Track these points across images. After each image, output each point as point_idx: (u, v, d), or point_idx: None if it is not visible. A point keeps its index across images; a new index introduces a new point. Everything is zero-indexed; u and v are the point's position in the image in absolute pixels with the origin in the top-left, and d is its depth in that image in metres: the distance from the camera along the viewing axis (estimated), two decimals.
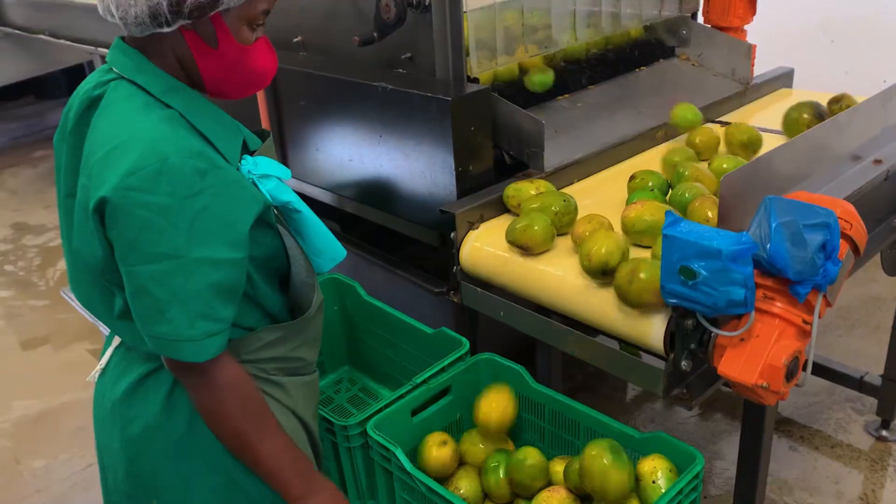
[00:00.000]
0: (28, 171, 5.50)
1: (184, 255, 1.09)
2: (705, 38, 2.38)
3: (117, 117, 1.14)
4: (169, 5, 1.10)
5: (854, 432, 2.39)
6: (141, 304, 1.12)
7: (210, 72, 1.19)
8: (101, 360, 1.37)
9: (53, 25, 4.04)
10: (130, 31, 1.15)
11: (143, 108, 1.14)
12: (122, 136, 1.11)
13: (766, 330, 1.23)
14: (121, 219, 1.08)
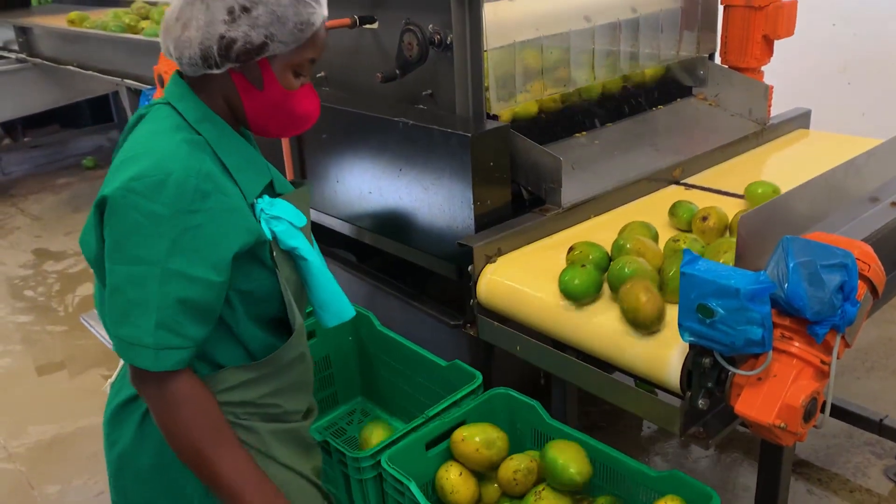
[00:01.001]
0: (51, 198, 5.58)
1: (162, 264, 1.14)
2: (722, 79, 2.40)
3: (147, 132, 1.24)
4: (219, 49, 1.19)
5: (873, 476, 2.36)
6: (113, 302, 1.16)
7: (254, 111, 1.27)
8: (117, 368, 1.41)
9: (81, 56, 4.14)
10: (185, 69, 1.25)
11: (172, 128, 1.23)
12: (143, 147, 1.20)
13: (783, 370, 1.23)
14: (114, 217, 1.15)
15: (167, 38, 1.24)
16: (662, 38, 2.26)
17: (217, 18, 1.20)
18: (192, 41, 1.20)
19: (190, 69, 1.23)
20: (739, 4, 2.31)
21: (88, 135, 6.82)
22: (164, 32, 1.25)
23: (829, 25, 3.56)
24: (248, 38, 1.19)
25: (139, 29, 3.70)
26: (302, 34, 1.22)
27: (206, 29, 1.20)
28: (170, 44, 1.24)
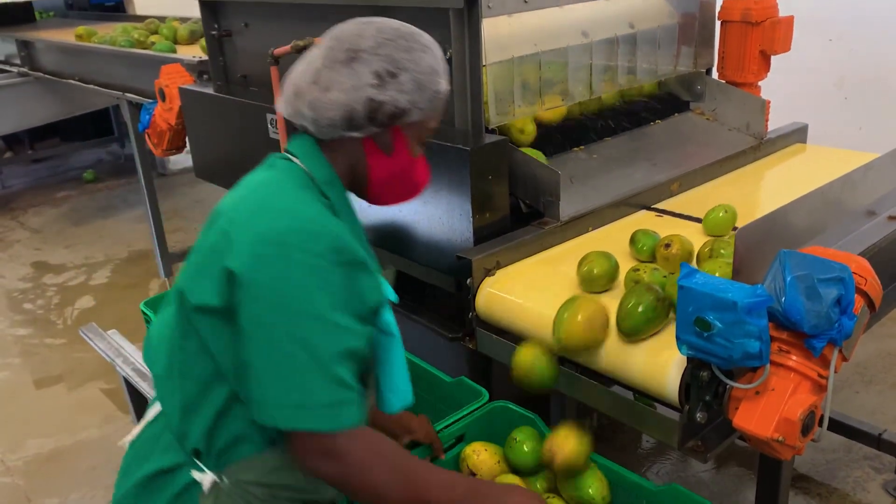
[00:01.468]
0: (51, 211, 5.60)
1: (326, 318, 1.10)
2: (720, 94, 2.42)
3: (277, 183, 1.21)
4: (365, 112, 1.20)
5: (872, 491, 2.35)
6: (271, 368, 1.09)
7: (378, 177, 1.29)
8: (137, 427, 1.34)
9: (82, 70, 4.16)
10: (318, 131, 1.24)
11: (303, 185, 1.22)
12: (281, 201, 1.17)
13: (781, 383, 1.23)
14: (267, 273, 1.10)
15: (297, 101, 1.23)
16: (660, 53, 2.27)
17: (364, 82, 1.20)
18: (335, 103, 1.20)
19: (326, 131, 1.23)
20: (736, 20, 2.33)
21: (89, 148, 6.85)
22: (294, 96, 1.24)
23: (825, 41, 3.58)
24: (396, 103, 1.21)
25: (148, 44, 3.71)
26: (435, 102, 1.26)
27: (352, 92, 1.20)
28: (302, 106, 1.22)
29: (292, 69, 1.29)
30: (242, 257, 1.11)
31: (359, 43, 1.22)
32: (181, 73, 2.90)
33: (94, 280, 4.35)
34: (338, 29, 1.27)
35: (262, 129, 2.31)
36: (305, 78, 1.23)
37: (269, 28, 2.47)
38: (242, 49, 2.63)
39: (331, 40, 1.25)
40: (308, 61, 1.25)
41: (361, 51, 1.22)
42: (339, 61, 1.21)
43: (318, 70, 1.22)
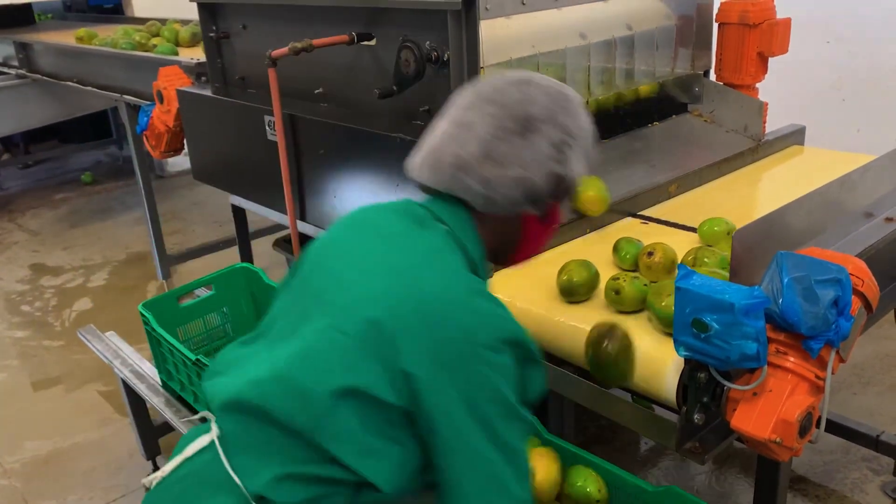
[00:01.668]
0: (49, 213, 5.59)
1: (517, 415, 1.08)
2: (717, 95, 2.42)
3: (442, 262, 1.13)
4: (548, 187, 1.15)
5: (870, 492, 2.35)
6: (478, 475, 1.05)
7: (527, 245, 1.24)
8: (166, 466, 1.21)
9: (80, 72, 4.16)
10: (485, 206, 1.17)
11: (467, 267, 1.15)
12: (455, 290, 1.09)
13: (778, 385, 1.23)
14: (457, 381, 1.04)
15: (462, 174, 1.14)
16: (658, 55, 2.27)
17: (544, 155, 1.14)
18: (515, 180, 1.13)
19: (497, 207, 1.16)
20: (734, 22, 2.33)
21: (87, 150, 6.84)
22: (459, 169, 1.14)
23: (823, 43, 3.59)
24: (574, 174, 1.17)
25: (150, 47, 3.67)
26: (591, 168, 1.21)
27: (534, 167, 1.13)
28: (470, 181, 1.14)
29: (434, 131, 1.20)
30: (425, 363, 1.03)
31: (529, 110, 1.14)
32: (179, 75, 2.90)
33: (92, 282, 4.34)
34: (493, 91, 1.18)
35: (260, 131, 2.31)
36: (470, 149, 1.14)
37: (267, 30, 2.47)
38: (240, 51, 2.63)
39: (491, 105, 1.15)
40: (462, 125, 1.16)
41: (534, 119, 1.14)
42: (513, 132, 1.13)
43: (486, 141, 1.13)
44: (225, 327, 2.36)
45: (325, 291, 1.14)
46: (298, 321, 1.15)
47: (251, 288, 2.35)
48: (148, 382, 2.26)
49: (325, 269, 1.19)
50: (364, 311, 1.07)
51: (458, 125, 1.17)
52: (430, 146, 1.21)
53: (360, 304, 1.09)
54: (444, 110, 1.23)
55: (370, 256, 1.16)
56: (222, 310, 2.34)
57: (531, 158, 1.14)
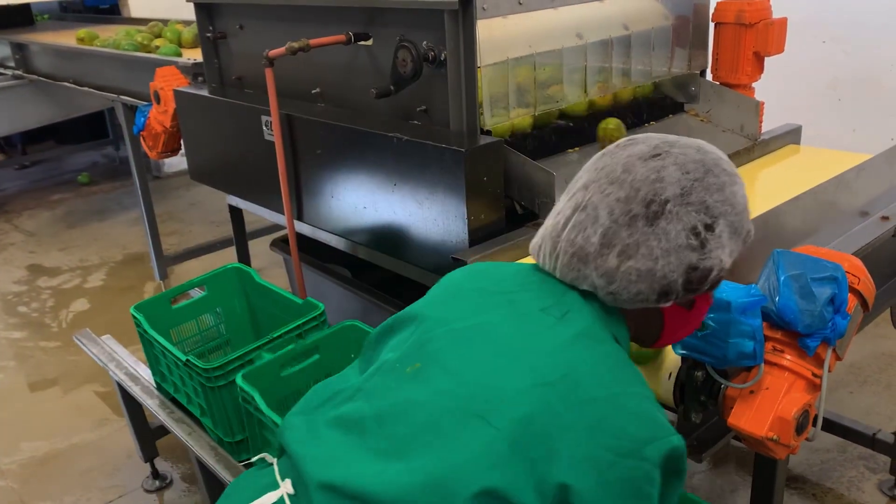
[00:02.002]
0: (45, 214, 5.58)
1: None
2: (714, 95, 2.42)
3: (607, 355, 0.98)
4: (686, 283, 1.00)
5: (867, 491, 2.36)
6: None
7: (671, 332, 1.11)
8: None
9: (77, 73, 4.15)
10: (615, 301, 1.03)
11: (629, 363, 1.01)
12: (621, 391, 0.94)
13: (775, 382, 1.23)
14: (633, 488, 0.90)
15: (584, 266, 1.02)
16: (654, 55, 2.28)
17: (678, 244, 0.98)
18: (642, 274, 0.98)
19: (627, 302, 1.01)
20: (730, 22, 2.33)
21: (84, 151, 6.83)
22: (577, 258, 1.02)
23: (819, 43, 3.60)
24: (720, 264, 1.00)
25: (152, 48, 3.64)
26: (744, 244, 1.04)
27: (665, 259, 0.98)
28: (589, 272, 1.01)
29: (554, 210, 1.07)
30: (587, 474, 0.89)
31: (661, 192, 0.99)
32: (176, 75, 2.89)
33: (88, 283, 4.34)
34: (619, 169, 1.03)
35: (257, 131, 2.31)
36: (590, 237, 1.01)
37: (264, 30, 2.47)
38: (237, 51, 2.63)
39: (615, 186, 1.01)
40: (582, 209, 1.03)
41: (667, 202, 0.98)
42: (639, 218, 0.98)
43: (608, 228, 1.00)
44: (219, 328, 2.35)
45: (463, 376, 0.99)
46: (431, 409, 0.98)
47: (244, 288, 2.35)
48: (143, 385, 2.25)
49: (457, 345, 1.03)
50: (515, 403, 0.93)
51: (577, 208, 1.05)
52: (549, 229, 1.09)
53: (509, 394, 0.94)
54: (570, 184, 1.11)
55: (515, 338, 1.01)
56: (216, 310, 2.34)
57: (661, 250, 0.98)
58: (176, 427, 2.04)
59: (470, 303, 1.09)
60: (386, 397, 1.03)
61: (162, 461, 2.66)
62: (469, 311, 1.07)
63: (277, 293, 2.18)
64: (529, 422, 0.91)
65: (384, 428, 0.99)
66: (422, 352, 1.05)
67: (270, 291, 2.21)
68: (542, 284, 1.07)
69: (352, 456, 0.99)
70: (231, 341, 2.36)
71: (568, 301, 1.04)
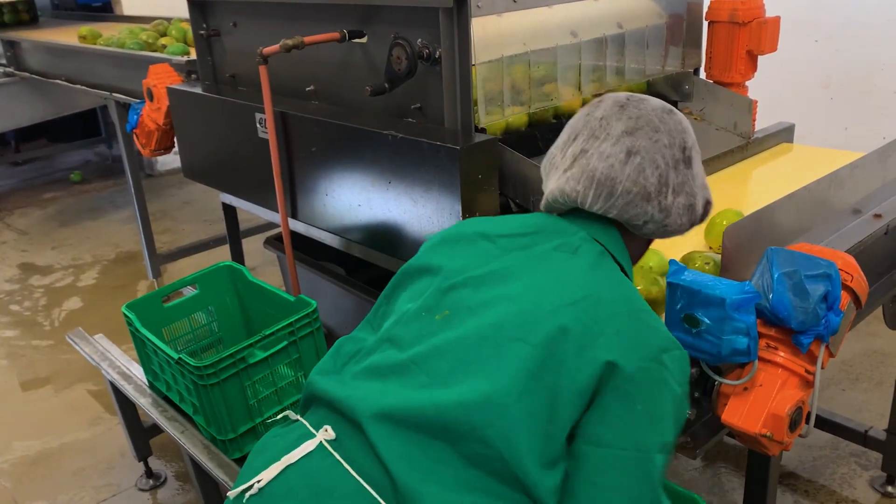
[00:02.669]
0: (37, 213, 5.56)
1: (669, 448, 1.07)
2: (707, 93, 2.43)
3: (622, 280, 1.15)
4: (702, 215, 1.24)
5: (859, 487, 2.37)
6: (623, 496, 1.02)
7: (635, 261, 1.30)
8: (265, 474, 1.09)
9: (69, 70, 4.14)
10: (655, 232, 1.22)
11: (634, 287, 1.18)
12: (640, 305, 1.11)
13: (769, 379, 1.24)
14: (655, 394, 1.04)
15: (647, 204, 1.17)
16: (648, 53, 2.28)
17: (700, 183, 1.23)
18: (686, 208, 1.20)
19: (663, 232, 1.21)
20: (724, 20, 2.34)
21: (76, 149, 6.81)
22: (641, 198, 1.17)
23: (811, 42, 3.61)
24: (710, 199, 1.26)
25: (158, 46, 3.59)
26: None
27: (699, 194, 1.22)
28: (653, 210, 1.18)
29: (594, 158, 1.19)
30: (627, 360, 1.03)
31: (687, 139, 1.21)
32: (169, 72, 2.89)
33: (81, 281, 4.32)
34: (656, 118, 1.20)
35: (250, 128, 2.30)
36: (651, 179, 1.17)
37: (258, 27, 2.46)
38: (231, 48, 2.63)
39: (659, 134, 1.19)
40: (634, 153, 1.17)
41: (691, 148, 1.21)
42: (680, 161, 1.19)
43: (664, 171, 1.18)
44: (211, 326, 2.35)
45: (494, 312, 1.11)
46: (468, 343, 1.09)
47: (236, 286, 2.34)
48: (135, 383, 2.24)
49: (481, 289, 1.15)
50: (547, 321, 1.06)
51: (630, 153, 1.18)
52: (597, 172, 1.19)
53: (540, 316, 1.07)
54: (587, 133, 1.23)
55: (536, 274, 1.14)
56: (208, 309, 2.33)
57: (696, 185, 1.21)
58: (168, 425, 2.04)
59: (482, 251, 1.21)
60: (418, 343, 1.12)
61: (155, 459, 2.65)
62: (484, 258, 1.20)
63: (269, 291, 2.17)
64: (564, 332, 1.04)
65: (423, 367, 1.09)
66: (447, 300, 1.16)
67: (262, 289, 2.20)
68: (547, 228, 1.22)
69: (398, 391, 1.08)
70: (223, 339, 2.35)
71: (576, 240, 1.18)
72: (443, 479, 1.02)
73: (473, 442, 1.02)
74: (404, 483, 1.01)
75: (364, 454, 1.05)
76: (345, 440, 1.09)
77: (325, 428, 1.11)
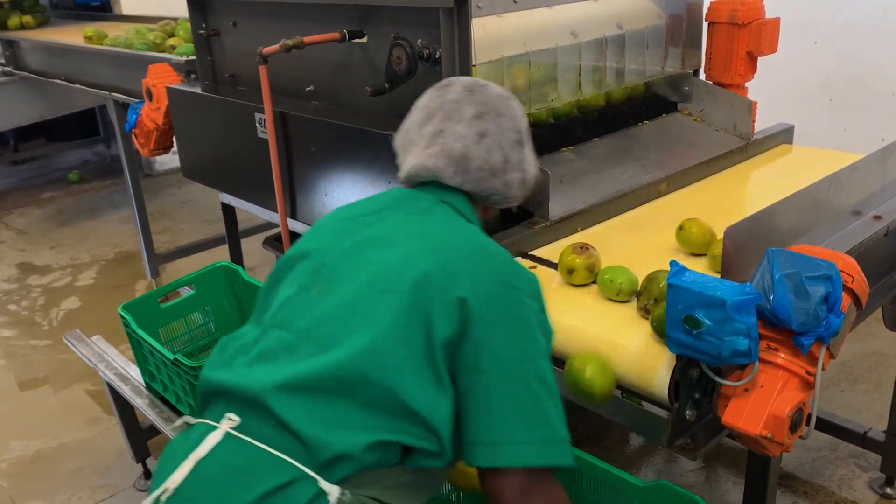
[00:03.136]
0: (36, 212, 5.55)
1: (547, 356, 1.20)
2: (707, 94, 2.43)
3: (471, 231, 1.31)
4: (532, 185, 1.43)
5: (858, 489, 2.37)
6: (518, 406, 1.13)
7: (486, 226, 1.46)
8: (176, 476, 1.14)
9: (68, 70, 4.13)
10: (500, 201, 1.41)
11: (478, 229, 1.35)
12: (487, 245, 1.27)
13: (770, 381, 1.24)
14: (515, 313, 1.17)
15: (494, 179, 1.35)
16: (648, 54, 2.28)
17: (531, 160, 1.42)
18: (522, 182, 1.39)
19: (504, 201, 1.41)
20: (723, 21, 2.34)
21: (74, 149, 6.80)
22: (490, 173, 1.35)
23: (811, 43, 3.61)
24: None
25: (167, 47, 3.54)
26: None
27: (528, 171, 1.40)
28: (496, 183, 1.36)
29: (451, 138, 1.34)
30: (479, 295, 1.16)
31: (522, 124, 1.40)
32: (169, 72, 2.88)
33: (79, 281, 4.31)
34: (500, 104, 1.38)
35: (250, 128, 2.30)
36: (497, 157, 1.35)
37: (258, 27, 2.46)
38: (231, 48, 2.63)
39: (503, 118, 1.37)
40: (484, 135, 1.34)
41: (524, 132, 1.40)
42: (518, 143, 1.38)
43: (506, 151, 1.36)
44: (208, 326, 2.35)
45: (364, 274, 1.23)
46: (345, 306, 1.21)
47: (232, 286, 2.34)
48: (132, 384, 2.24)
49: (350, 259, 1.27)
50: (411, 268, 1.19)
51: (481, 135, 1.35)
52: (454, 151, 1.34)
53: (404, 266, 1.20)
54: (442, 114, 1.38)
55: (396, 235, 1.27)
56: (205, 309, 2.33)
57: (528, 162, 1.40)
58: (165, 426, 2.03)
59: (346, 229, 1.35)
60: (302, 319, 1.23)
61: (153, 460, 2.65)
62: (349, 234, 1.33)
63: None
64: (426, 276, 1.17)
65: (310, 339, 1.20)
66: (320, 276, 1.27)
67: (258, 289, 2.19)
68: (402, 199, 1.37)
69: (291, 365, 1.17)
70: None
71: (427, 204, 1.34)
72: (347, 426, 1.12)
73: (367, 388, 1.13)
74: (313, 439, 1.11)
75: (270, 428, 1.13)
76: (249, 422, 1.15)
77: (227, 416, 1.17)
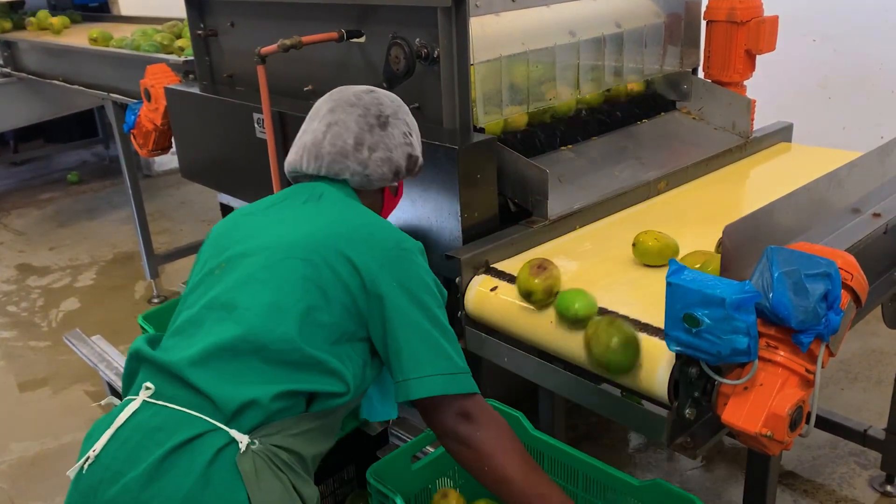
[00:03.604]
0: (35, 213, 5.55)
1: (441, 304, 1.37)
2: (706, 93, 2.43)
3: (363, 210, 1.44)
4: (407, 165, 1.52)
5: (858, 487, 2.37)
6: (423, 343, 1.31)
7: (386, 209, 1.60)
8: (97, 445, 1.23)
9: (67, 71, 4.12)
10: (362, 183, 1.49)
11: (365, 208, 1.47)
12: (374, 219, 1.42)
13: (769, 379, 1.23)
14: (407, 270, 1.34)
15: (346, 160, 1.46)
16: (646, 52, 2.28)
17: (400, 141, 1.50)
18: (384, 160, 1.48)
19: (372, 183, 1.50)
20: (722, 20, 2.34)
21: (73, 150, 6.79)
22: (340, 155, 1.46)
23: (809, 41, 3.61)
24: (420, 155, 1.55)
25: (175, 48, 3.53)
26: (421, 146, 1.58)
27: (396, 150, 1.49)
28: (352, 164, 1.46)
29: (307, 134, 1.50)
30: (373, 253, 1.32)
31: (383, 110, 1.50)
32: (167, 72, 2.88)
33: (79, 282, 4.31)
34: (352, 97, 1.50)
35: (248, 128, 2.30)
36: (347, 140, 1.46)
37: (256, 27, 2.46)
38: (229, 48, 2.62)
39: (354, 108, 1.48)
40: (333, 125, 1.47)
41: (388, 116, 1.50)
42: (376, 126, 1.48)
43: (357, 133, 1.47)
44: None
45: (263, 248, 1.36)
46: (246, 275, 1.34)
47: None
48: None
49: (248, 242, 1.39)
50: (309, 239, 1.34)
51: (329, 125, 1.48)
52: (307, 143, 1.49)
53: (303, 238, 1.34)
54: (308, 120, 1.54)
55: (291, 221, 1.40)
56: None
57: (393, 144, 1.49)
58: None
59: (245, 223, 1.46)
60: (206, 296, 1.34)
61: None
62: (249, 226, 1.44)
63: None
64: (323, 243, 1.32)
65: (216, 309, 1.31)
66: (220, 260, 1.39)
67: None
68: (297, 191, 1.49)
69: (201, 335, 1.29)
70: None
71: (319, 191, 1.46)
72: (255, 381, 1.24)
73: (271, 344, 1.25)
74: (222, 395, 1.22)
75: (185, 393, 1.24)
76: (165, 388, 1.26)
77: (144, 385, 1.27)
